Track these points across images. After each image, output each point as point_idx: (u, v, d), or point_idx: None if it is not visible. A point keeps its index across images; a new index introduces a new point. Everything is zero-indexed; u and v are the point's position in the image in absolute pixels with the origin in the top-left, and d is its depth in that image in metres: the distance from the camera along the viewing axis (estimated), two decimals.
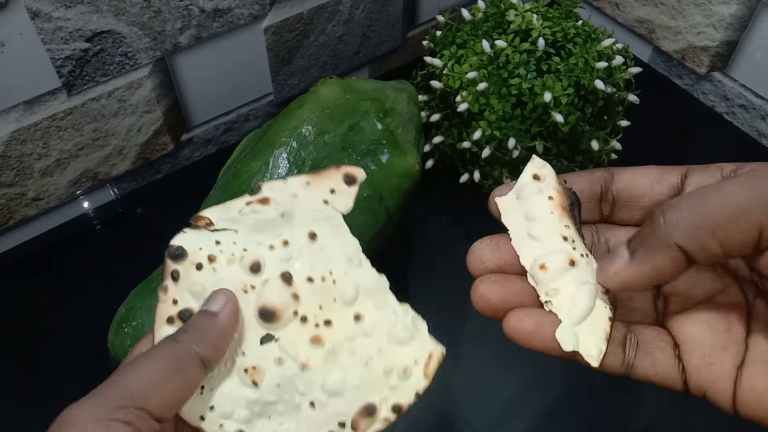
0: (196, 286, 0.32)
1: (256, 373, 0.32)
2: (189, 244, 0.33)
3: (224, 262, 0.33)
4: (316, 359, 0.32)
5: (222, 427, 0.32)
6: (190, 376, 0.29)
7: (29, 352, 0.52)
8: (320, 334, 0.33)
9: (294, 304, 0.33)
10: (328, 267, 0.33)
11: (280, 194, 0.34)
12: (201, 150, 0.64)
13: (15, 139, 0.50)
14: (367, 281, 0.34)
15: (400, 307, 0.33)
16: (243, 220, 0.33)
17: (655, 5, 0.68)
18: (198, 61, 0.56)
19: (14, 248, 0.57)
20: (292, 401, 0.32)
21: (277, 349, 0.32)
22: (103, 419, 0.27)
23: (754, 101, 0.64)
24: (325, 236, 0.34)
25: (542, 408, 0.49)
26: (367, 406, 0.32)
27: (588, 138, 0.54)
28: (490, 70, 0.51)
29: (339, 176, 0.34)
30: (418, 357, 0.32)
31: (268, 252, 0.33)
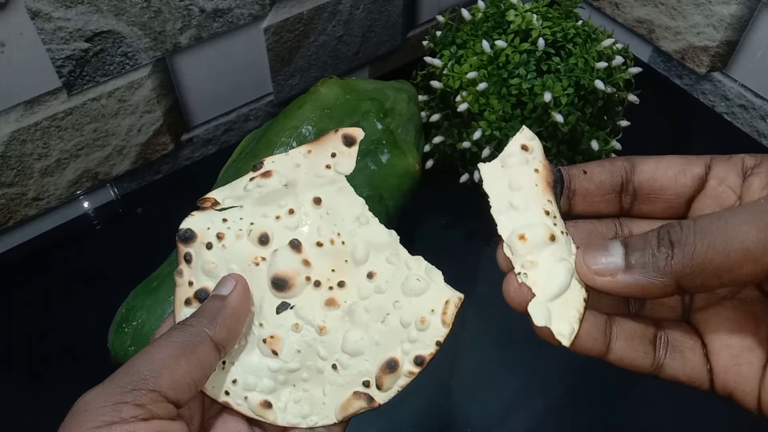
0: (209, 264, 0.33)
1: (274, 341, 0.32)
2: (197, 225, 0.33)
3: (233, 238, 0.33)
4: (333, 321, 0.33)
5: (247, 399, 0.32)
6: (202, 357, 0.30)
7: (29, 352, 0.52)
8: (334, 296, 0.33)
9: (305, 270, 0.33)
10: (335, 229, 0.34)
11: (282, 166, 0.34)
12: (201, 150, 0.64)
13: (15, 139, 0.50)
14: (377, 238, 0.34)
15: (413, 259, 0.34)
16: (248, 195, 0.34)
17: (655, 5, 0.68)
18: (198, 61, 0.56)
19: (14, 248, 0.57)
20: (314, 366, 0.33)
21: (293, 316, 0.33)
22: (114, 403, 0.27)
23: (754, 101, 0.64)
24: (330, 199, 0.34)
25: (542, 408, 0.49)
26: (389, 362, 0.32)
27: (588, 138, 0.54)
28: (490, 70, 0.51)
29: (338, 139, 0.35)
30: (434, 306, 0.32)
31: (274, 223, 0.33)
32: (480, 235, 0.58)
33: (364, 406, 0.32)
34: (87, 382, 0.51)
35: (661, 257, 0.26)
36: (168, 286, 0.45)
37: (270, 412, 0.32)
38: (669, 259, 0.26)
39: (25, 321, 0.53)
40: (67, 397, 0.30)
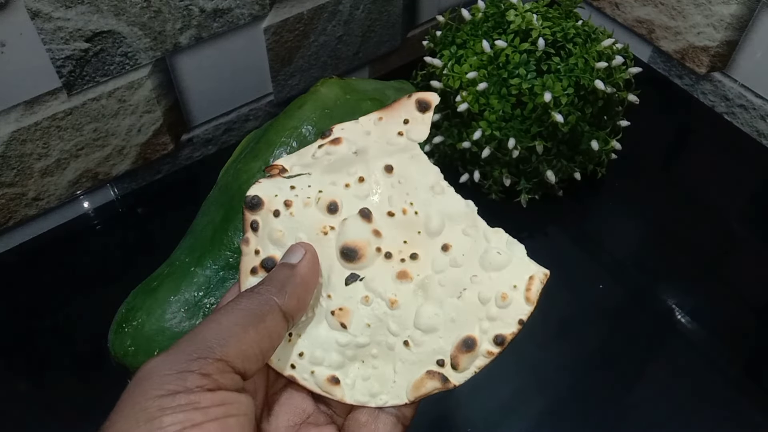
0: (276, 233, 0.31)
1: (343, 314, 0.31)
2: (264, 192, 0.32)
3: (301, 206, 0.32)
4: (405, 295, 0.31)
5: (314, 374, 0.31)
6: (271, 326, 0.28)
7: (29, 352, 0.52)
8: (406, 268, 0.31)
9: (376, 240, 0.31)
10: (408, 198, 0.32)
11: (352, 133, 0.33)
12: (201, 150, 0.64)
13: (15, 139, 0.50)
14: (452, 208, 0.32)
15: (493, 231, 0.32)
16: (317, 163, 0.32)
17: (655, 5, 0.68)
18: (198, 61, 0.56)
19: (14, 248, 0.57)
20: (385, 342, 0.31)
21: (363, 288, 0.31)
22: (179, 371, 0.26)
23: (754, 101, 0.64)
24: (403, 168, 0.32)
25: (542, 408, 0.49)
26: (466, 340, 0.30)
27: (588, 138, 0.54)
28: (490, 70, 0.51)
29: (411, 105, 0.33)
30: (517, 281, 0.30)
31: (343, 191, 0.32)
32: None
33: (438, 387, 0.30)
34: (87, 382, 0.51)
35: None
36: (168, 286, 0.45)
37: (338, 389, 0.31)
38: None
39: (25, 321, 0.53)
40: (67, 397, 0.30)
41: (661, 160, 0.65)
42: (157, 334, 0.43)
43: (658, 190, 0.62)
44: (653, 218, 0.60)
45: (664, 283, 0.55)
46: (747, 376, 0.50)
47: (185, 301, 0.44)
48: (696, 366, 0.50)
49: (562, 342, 0.52)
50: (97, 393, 0.49)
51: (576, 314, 0.53)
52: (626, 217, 0.60)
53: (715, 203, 0.60)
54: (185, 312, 0.43)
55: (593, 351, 0.51)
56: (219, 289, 0.44)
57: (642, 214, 0.60)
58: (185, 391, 0.25)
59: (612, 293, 0.54)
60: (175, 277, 0.45)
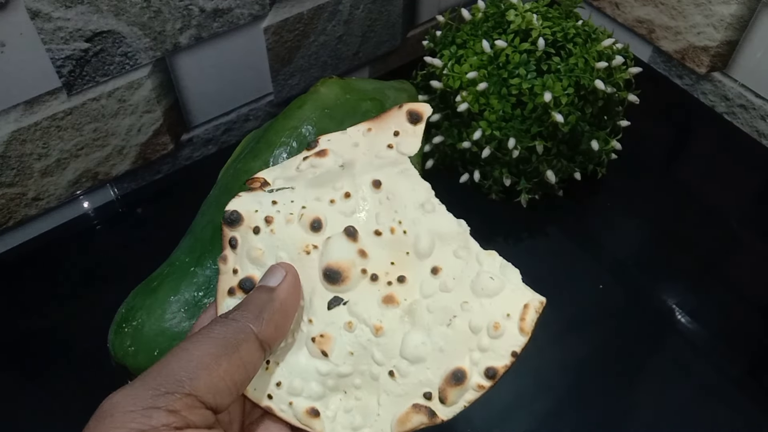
0: (255, 251, 0.29)
1: (324, 341, 0.28)
2: (244, 207, 0.30)
3: (282, 223, 0.29)
4: (391, 321, 0.29)
5: (292, 406, 0.28)
6: (246, 356, 0.26)
7: (29, 352, 0.51)
8: (393, 292, 0.29)
9: (361, 261, 0.29)
10: (396, 216, 0.30)
11: (339, 145, 0.31)
12: (201, 150, 0.64)
13: (15, 139, 0.50)
14: (443, 227, 0.30)
15: (486, 254, 0.29)
16: (301, 176, 0.30)
17: (655, 5, 0.68)
18: (198, 61, 0.56)
19: (14, 248, 0.57)
20: (368, 371, 0.29)
21: (346, 313, 0.29)
22: (144, 407, 0.24)
23: (754, 101, 0.64)
24: (391, 183, 0.30)
25: (542, 408, 0.49)
26: (456, 372, 0.28)
27: (588, 138, 0.54)
28: (490, 70, 0.51)
29: (402, 116, 0.31)
30: (511, 310, 0.28)
31: (328, 207, 0.30)
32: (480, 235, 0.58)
33: (425, 422, 0.28)
34: (87, 382, 0.51)
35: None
36: (168, 286, 0.45)
37: (317, 422, 0.29)
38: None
39: (24, 321, 0.53)
40: (66, 397, 0.30)
41: (661, 160, 0.65)
42: (157, 334, 0.43)
43: (658, 190, 0.62)
44: (653, 218, 0.60)
45: (664, 283, 0.55)
46: (747, 376, 0.50)
47: (185, 301, 0.44)
48: (696, 366, 0.50)
49: (562, 342, 0.52)
50: (97, 393, 0.49)
51: (576, 314, 0.53)
52: (626, 217, 0.60)
53: (715, 203, 0.60)
54: (185, 312, 0.43)
55: (593, 351, 0.51)
56: None
57: (642, 214, 0.60)
58: (150, 429, 0.23)
59: (612, 293, 0.54)
60: (175, 277, 0.45)
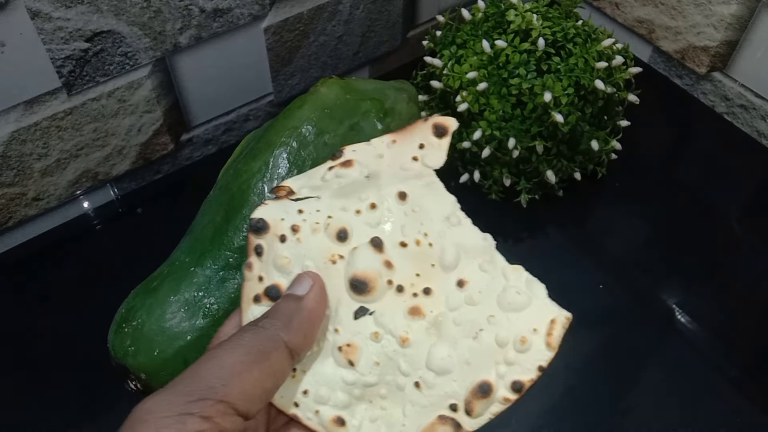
0: (282, 259, 0.29)
1: (351, 351, 0.29)
2: (270, 215, 0.30)
3: (308, 232, 0.30)
4: (417, 333, 0.29)
5: (318, 414, 0.29)
6: (276, 365, 0.26)
7: (29, 352, 0.51)
8: (419, 304, 0.29)
9: (387, 272, 0.29)
10: (422, 229, 0.30)
11: (364, 156, 0.31)
12: (201, 150, 0.64)
13: (15, 139, 0.50)
14: (469, 241, 0.30)
15: (512, 269, 0.30)
16: (326, 186, 0.31)
17: (655, 5, 0.68)
18: (198, 61, 0.56)
19: (14, 248, 0.57)
20: (394, 382, 0.29)
21: (372, 323, 0.29)
22: (178, 413, 0.24)
23: (754, 101, 0.64)
24: (417, 195, 0.30)
25: (542, 408, 0.49)
26: (482, 385, 0.28)
27: (588, 138, 0.54)
28: (490, 70, 0.51)
29: (428, 129, 0.31)
30: (537, 325, 0.29)
31: (354, 217, 0.30)
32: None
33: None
34: (87, 382, 0.51)
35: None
36: (168, 286, 0.45)
37: (343, 431, 0.29)
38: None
39: (24, 321, 0.53)
40: (66, 397, 0.30)
41: (661, 160, 0.65)
42: (157, 334, 0.43)
43: (659, 190, 0.62)
44: (653, 218, 0.60)
45: (664, 283, 0.55)
46: (747, 376, 0.50)
47: (185, 301, 0.44)
48: (696, 366, 0.50)
49: (563, 342, 0.52)
50: (97, 393, 0.49)
51: (576, 314, 0.53)
52: (626, 217, 0.60)
53: (715, 203, 0.60)
54: (185, 312, 0.43)
55: (593, 351, 0.51)
56: (219, 289, 0.44)
57: (642, 214, 0.60)
58: None
59: (612, 293, 0.54)
60: (175, 277, 0.45)
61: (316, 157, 0.47)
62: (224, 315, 0.43)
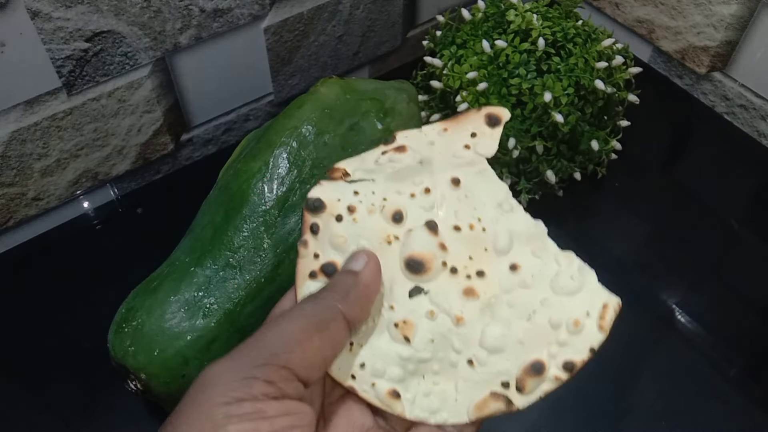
0: (338, 238, 0.30)
1: (407, 327, 0.30)
2: (327, 195, 0.31)
3: (364, 213, 0.31)
4: (472, 313, 0.30)
5: (374, 387, 0.30)
6: (334, 334, 0.28)
7: (29, 351, 0.51)
8: (473, 285, 0.30)
9: (442, 254, 0.30)
10: (475, 214, 0.31)
11: (416, 142, 0.32)
12: (201, 150, 0.64)
13: (15, 139, 0.50)
14: (521, 227, 0.31)
15: (564, 255, 0.31)
16: (380, 169, 0.32)
17: (655, 5, 0.68)
18: (198, 61, 0.56)
19: (14, 248, 0.57)
20: (447, 359, 0.30)
21: (428, 302, 0.30)
22: (243, 377, 0.25)
23: (754, 101, 0.64)
24: (470, 182, 0.32)
25: (542, 408, 0.49)
26: (534, 364, 0.29)
27: (588, 138, 0.54)
28: (490, 70, 0.51)
29: (480, 119, 0.32)
30: (590, 308, 0.30)
31: (409, 200, 0.31)
32: None
33: (502, 409, 0.29)
34: (87, 382, 0.51)
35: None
36: (168, 286, 0.45)
37: (398, 403, 0.30)
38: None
39: (24, 321, 0.53)
40: (66, 397, 0.30)
41: (661, 160, 0.65)
42: (157, 334, 0.43)
43: (659, 190, 0.62)
44: (653, 218, 0.60)
45: (664, 283, 0.55)
46: (747, 376, 0.50)
47: (185, 301, 0.44)
48: (696, 366, 0.50)
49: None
50: (97, 393, 0.49)
51: None
52: (626, 217, 0.60)
53: (715, 203, 0.60)
54: (185, 312, 0.43)
55: None
56: (219, 289, 0.44)
57: (642, 214, 0.60)
58: (251, 398, 0.25)
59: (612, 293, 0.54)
60: (175, 277, 0.45)
61: (316, 157, 0.47)
62: (224, 315, 0.43)
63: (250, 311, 0.44)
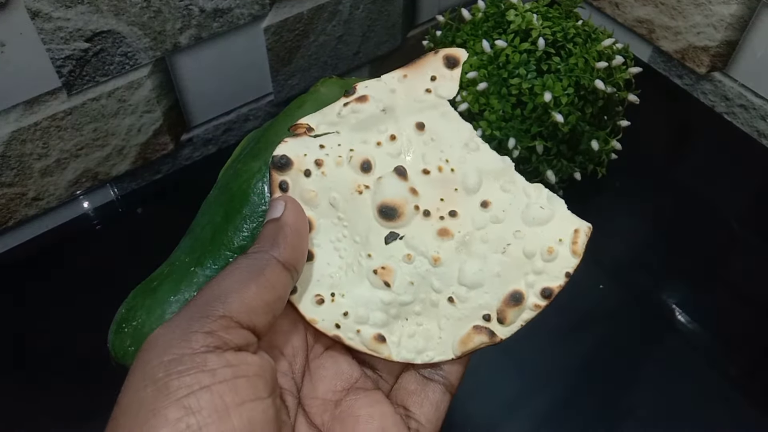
0: (308, 193, 0.31)
1: (386, 273, 0.30)
2: (293, 152, 0.31)
3: (332, 165, 0.31)
4: (448, 252, 0.31)
5: (359, 333, 0.30)
6: (271, 278, 0.28)
7: (29, 352, 0.51)
8: (447, 226, 0.31)
9: (413, 198, 0.31)
10: (442, 156, 0.32)
11: (377, 91, 0.32)
12: (201, 150, 0.64)
13: (15, 139, 0.50)
14: (489, 165, 0.32)
15: (533, 187, 0.32)
16: (344, 121, 0.32)
17: (655, 5, 0.68)
18: (198, 61, 0.56)
19: (14, 248, 0.57)
20: (428, 299, 0.31)
21: (404, 247, 0.31)
22: (183, 333, 0.25)
23: (754, 101, 0.64)
24: (434, 125, 0.32)
25: (542, 408, 0.49)
26: (513, 294, 0.30)
27: (588, 138, 0.54)
28: (490, 70, 0.51)
29: (438, 61, 0.33)
30: (562, 235, 0.30)
31: (375, 149, 0.32)
32: None
33: (486, 341, 0.30)
34: (87, 382, 0.51)
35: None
36: (168, 286, 0.45)
37: (384, 347, 0.30)
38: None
39: (24, 321, 0.53)
40: (66, 397, 0.30)
41: (661, 160, 0.65)
42: None
43: (659, 190, 0.62)
44: (653, 218, 0.60)
45: (664, 283, 0.55)
46: (747, 376, 0.50)
47: (185, 301, 0.44)
48: (696, 366, 0.50)
49: (563, 342, 0.52)
50: (97, 393, 0.49)
51: (576, 314, 0.53)
52: (626, 217, 0.60)
53: (715, 203, 0.60)
54: None
55: (593, 351, 0.51)
56: None
57: (642, 214, 0.60)
58: (191, 352, 0.25)
59: (612, 293, 0.54)
60: (175, 277, 0.45)
61: None
62: None
63: None
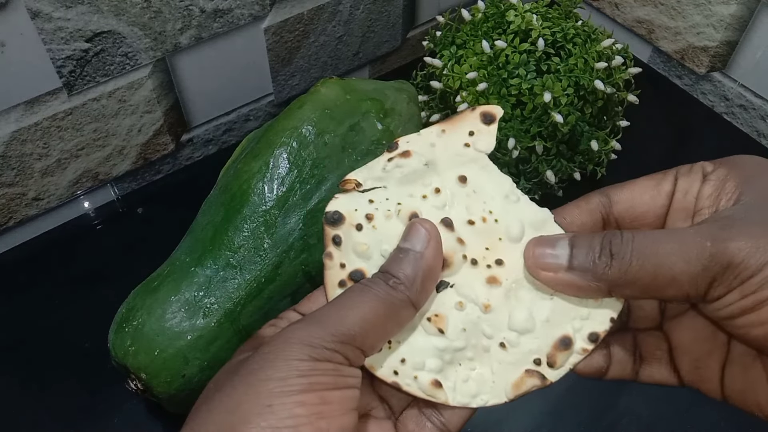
0: (361, 246, 0.32)
1: (439, 320, 0.32)
2: (344, 207, 0.33)
3: (382, 219, 0.33)
4: (497, 299, 0.32)
5: (417, 379, 0.31)
6: (403, 321, 0.30)
7: (29, 352, 0.52)
8: (495, 274, 0.32)
9: (461, 248, 0.32)
10: (485, 207, 0.33)
11: (419, 146, 0.34)
12: (201, 150, 0.64)
13: (15, 139, 0.50)
14: (530, 215, 0.33)
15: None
16: (389, 176, 0.33)
17: (655, 5, 0.68)
18: (198, 62, 0.56)
19: (14, 248, 0.57)
20: (480, 345, 0.32)
21: (455, 295, 0.32)
22: (323, 345, 0.27)
23: (754, 101, 0.64)
24: (476, 177, 0.34)
25: (542, 408, 0.49)
26: (563, 339, 0.31)
27: (588, 138, 0.54)
28: (489, 70, 0.51)
29: (476, 118, 0.34)
30: None
31: (422, 202, 0.33)
32: None
33: (537, 384, 0.32)
34: (87, 382, 0.51)
35: (600, 266, 0.29)
36: (168, 286, 0.45)
37: (441, 392, 0.31)
38: (606, 268, 0.29)
39: (24, 321, 0.53)
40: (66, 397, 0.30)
41: (661, 160, 0.65)
42: (158, 334, 0.43)
43: None
44: None
45: None
46: None
47: (185, 300, 0.44)
48: None
49: None
50: (97, 393, 0.49)
51: None
52: None
53: None
54: (185, 312, 0.43)
55: None
56: (219, 289, 0.44)
57: None
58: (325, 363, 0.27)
59: None
60: (176, 277, 0.45)
61: (316, 157, 0.47)
62: (224, 314, 0.43)
63: (250, 311, 0.44)
